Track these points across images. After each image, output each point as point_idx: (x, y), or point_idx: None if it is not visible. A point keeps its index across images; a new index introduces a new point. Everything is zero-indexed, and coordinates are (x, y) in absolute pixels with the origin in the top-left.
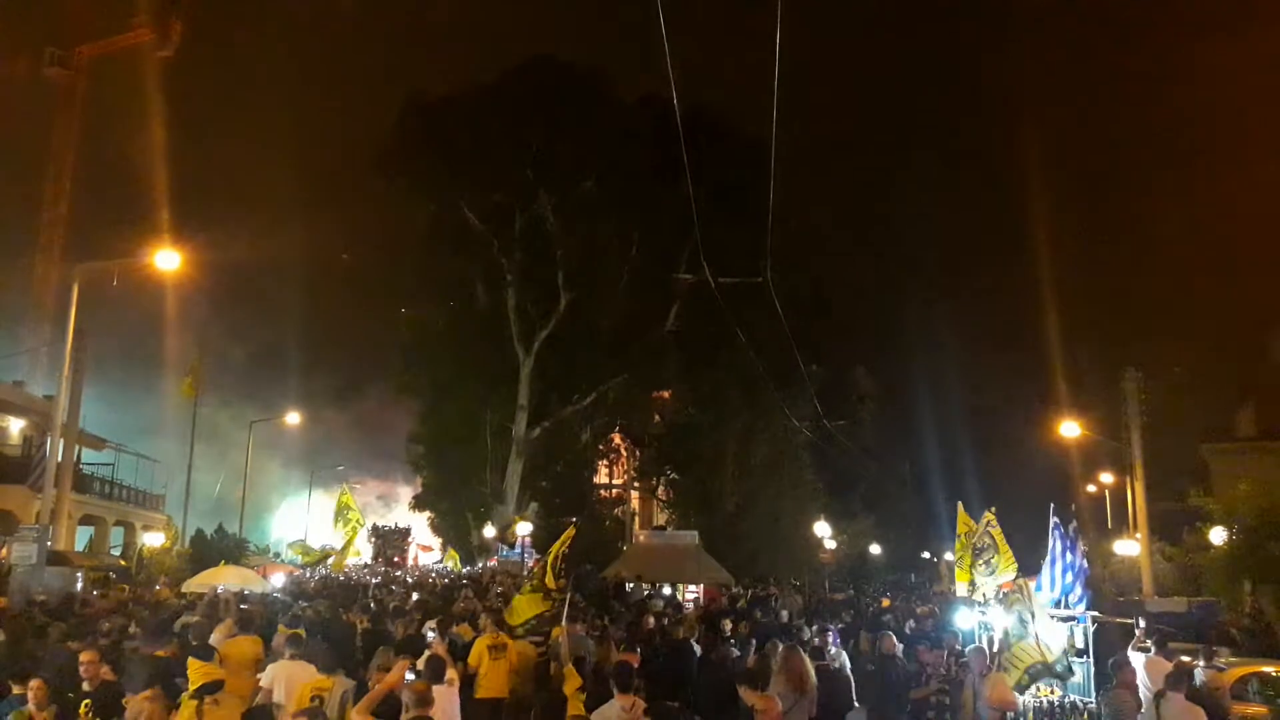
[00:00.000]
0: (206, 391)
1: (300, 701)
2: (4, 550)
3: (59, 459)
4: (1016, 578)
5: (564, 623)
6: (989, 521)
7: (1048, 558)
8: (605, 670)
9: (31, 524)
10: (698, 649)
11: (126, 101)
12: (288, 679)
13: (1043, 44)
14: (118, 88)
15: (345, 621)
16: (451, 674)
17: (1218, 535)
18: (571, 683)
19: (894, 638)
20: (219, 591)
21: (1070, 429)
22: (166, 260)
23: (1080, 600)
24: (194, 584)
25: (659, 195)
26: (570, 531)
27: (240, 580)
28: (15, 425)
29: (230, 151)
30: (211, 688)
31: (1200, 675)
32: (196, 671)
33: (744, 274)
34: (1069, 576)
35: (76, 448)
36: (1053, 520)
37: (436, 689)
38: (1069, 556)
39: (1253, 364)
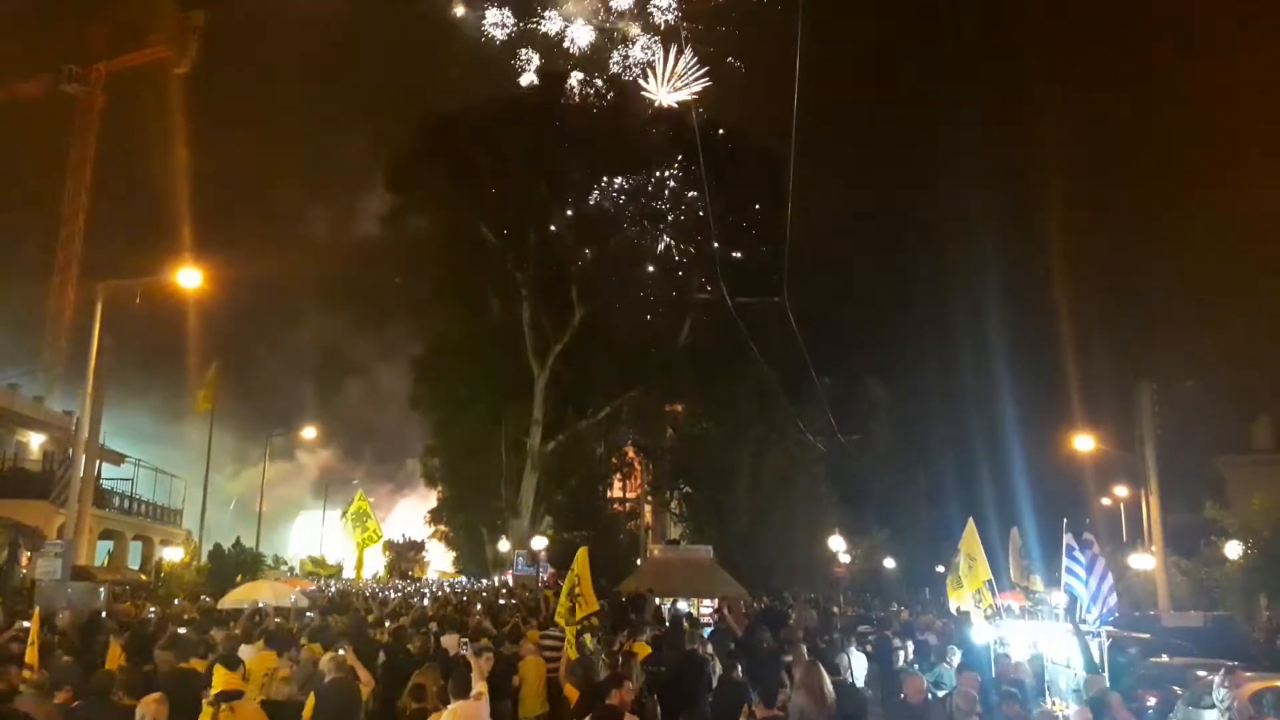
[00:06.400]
0: (221, 406)
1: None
2: (25, 563)
3: (81, 474)
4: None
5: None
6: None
7: (1089, 576)
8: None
9: (54, 539)
10: (716, 666)
11: (144, 117)
12: None
13: (1059, 53)
14: (135, 104)
15: (370, 637)
16: (479, 688)
17: (1233, 549)
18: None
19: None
20: (260, 606)
21: (1084, 442)
22: (189, 278)
23: (1100, 617)
24: (230, 599)
25: (674, 210)
26: (583, 554)
27: (274, 595)
28: (36, 440)
29: (246, 167)
30: (230, 695)
31: (1223, 694)
32: (220, 678)
33: (759, 289)
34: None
35: (97, 462)
36: (1066, 538)
37: (463, 704)
38: (1099, 568)
39: (1268, 377)
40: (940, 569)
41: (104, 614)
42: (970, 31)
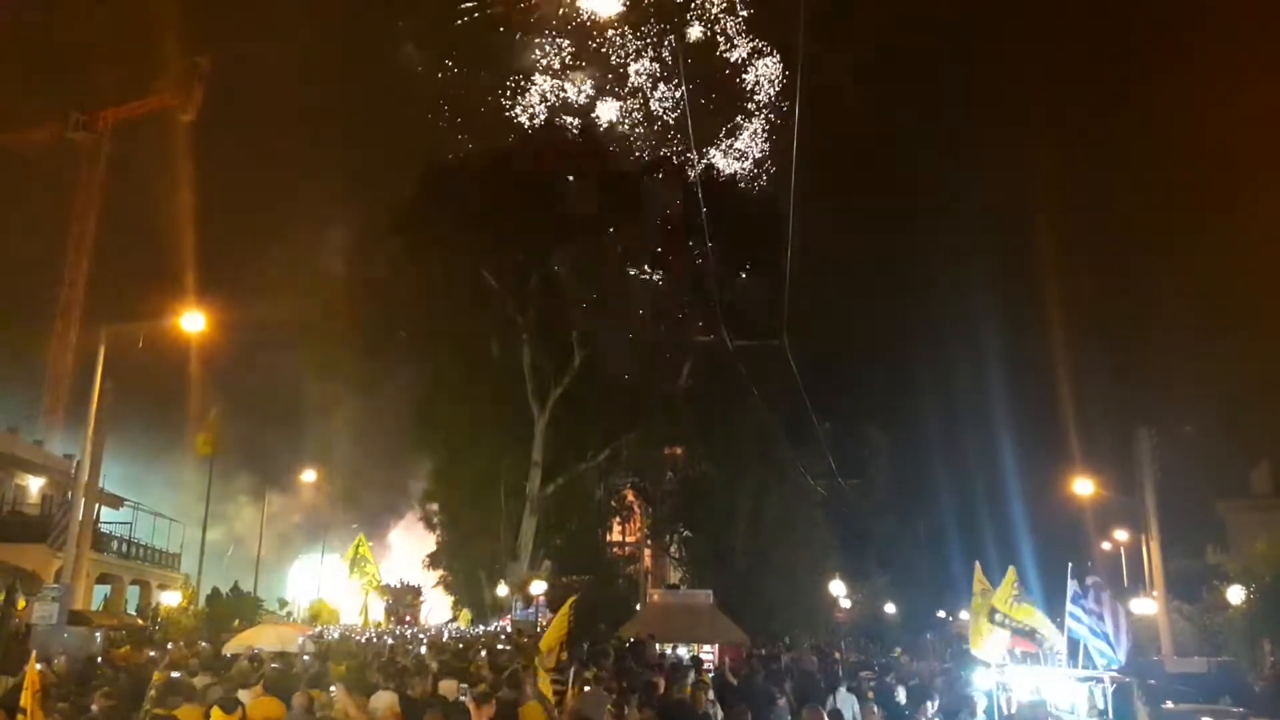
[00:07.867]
0: (222, 450)
1: None
2: (22, 608)
3: (80, 517)
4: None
5: (572, 684)
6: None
7: (1109, 624)
8: None
9: (51, 583)
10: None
11: (149, 164)
12: None
13: (1057, 98)
14: (140, 150)
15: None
16: None
17: (1235, 594)
18: None
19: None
20: (256, 651)
21: (1084, 486)
22: (192, 322)
23: (1110, 661)
24: (234, 644)
25: (674, 254)
26: (567, 608)
27: (278, 641)
28: (35, 484)
29: (251, 211)
30: None
31: None
32: None
33: (758, 332)
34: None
35: (96, 506)
36: (1071, 585)
37: None
38: (1116, 613)
39: (1267, 421)
40: (941, 614)
41: (100, 659)
42: (969, 75)
